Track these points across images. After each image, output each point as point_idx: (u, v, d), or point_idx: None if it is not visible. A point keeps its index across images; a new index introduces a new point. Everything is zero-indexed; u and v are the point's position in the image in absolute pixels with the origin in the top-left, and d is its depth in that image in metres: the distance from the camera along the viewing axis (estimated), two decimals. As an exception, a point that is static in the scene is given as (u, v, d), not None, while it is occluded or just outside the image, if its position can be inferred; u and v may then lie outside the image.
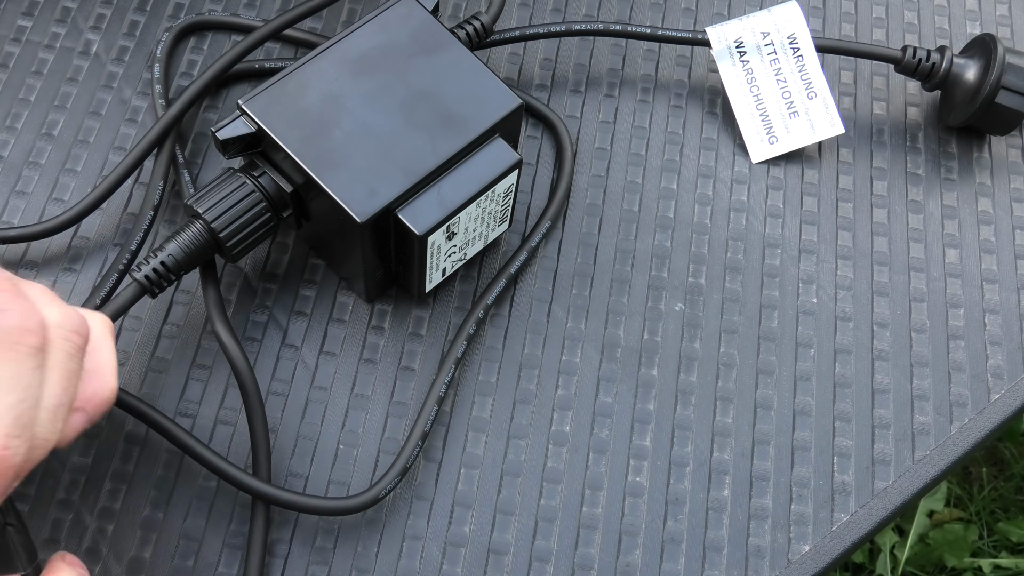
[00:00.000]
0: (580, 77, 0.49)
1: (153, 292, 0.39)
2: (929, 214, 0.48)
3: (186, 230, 0.39)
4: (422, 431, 0.40)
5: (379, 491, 0.38)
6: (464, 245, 0.41)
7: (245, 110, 0.39)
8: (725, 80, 0.48)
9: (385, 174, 0.38)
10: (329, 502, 0.38)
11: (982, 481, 1.11)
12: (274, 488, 0.38)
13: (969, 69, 0.47)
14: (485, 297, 0.43)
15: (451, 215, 0.38)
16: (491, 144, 0.39)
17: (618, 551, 0.39)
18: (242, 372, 0.39)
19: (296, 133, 0.38)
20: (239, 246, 0.39)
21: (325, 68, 0.40)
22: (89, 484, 0.39)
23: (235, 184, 0.39)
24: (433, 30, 0.41)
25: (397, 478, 0.39)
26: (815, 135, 0.48)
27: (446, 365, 0.41)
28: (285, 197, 0.40)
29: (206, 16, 0.48)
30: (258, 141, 0.39)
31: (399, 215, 0.38)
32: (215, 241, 0.39)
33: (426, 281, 0.41)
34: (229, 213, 0.39)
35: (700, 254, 0.46)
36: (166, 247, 0.38)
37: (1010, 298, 0.46)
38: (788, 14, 0.48)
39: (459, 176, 0.39)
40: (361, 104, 0.39)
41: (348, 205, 0.37)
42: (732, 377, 0.43)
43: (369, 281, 0.41)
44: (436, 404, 0.40)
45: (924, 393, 0.43)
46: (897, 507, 0.41)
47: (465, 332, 0.42)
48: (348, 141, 0.38)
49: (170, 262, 0.38)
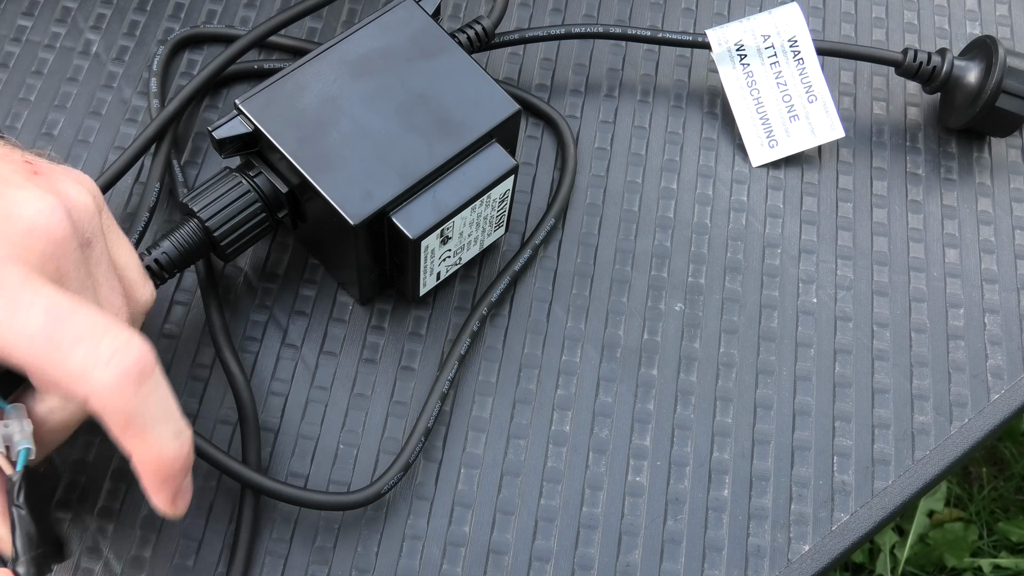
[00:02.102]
0: (580, 77, 0.49)
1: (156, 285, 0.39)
2: (929, 214, 0.48)
3: (181, 228, 0.39)
4: (425, 427, 0.40)
5: (382, 487, 0.38)
6: (459, 250, 0.41)
7: (242, 110, 0.39)
8: (725, 83, 0.48)
9: (380, 177, 0.38)
10: (330, 497, 0.38)
11: (982, 481, 1.11)
12: (278, 483, 0.38)
13: (970, 72, 0.47)
14: (489, 295, 0.43)
15: (445, 219, 0.38)
16: (487, 149, 0.39)
17: (618, 551, 0.39)
18: (244, 404, 0.40)
19: (292, 134, 0.38)
20: (233, 245, 0.39)
21: (324, 70, 0.40)
22: (89, 484, 0.39)
23: (231, 183, 0.39)
24: (433, 34, 0.41)
25: (400, 474, 0.39)
26: (815, 139, 0.48)
27: (449, 362, 0.41)
28: (280, 198, 0.39)
29: (201, 29, 0.48)
30: (255, 141, 0.39)
31: (393, 218, 0.38)
32: (209, 240, 0.39)
33: (420, 285, 0.41)
34: (224, 212, 0.39)
35: (700, 254, 0.46)
36: (160, 244, 0.39)
37: (1010, 298, 0.46)
38: (789, 16, 0.48)
39: (454, 180, 0.39)
40: (358, 106, 0.39)
41: (342, 207, 0.37)
42: (732, 377, 0.43)
43: (364, 283, 0.41)
44: (439, 401, 0.40)
45: (924, 393, 0.43)
46: (897, 507, 0.41)
47: (468, 329, 0.42)
48: (344, 143, 0.38)
49: (164, 259, 0.38)
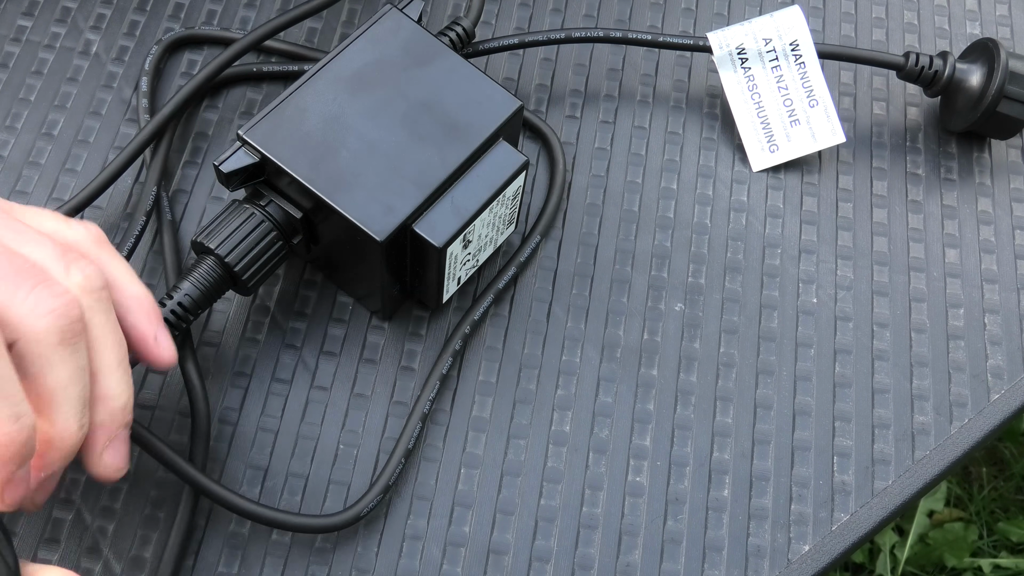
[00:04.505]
0: (580, 77, 0.49)
1: (172, 334, 0.37)
2: (929, 214, 0.48)
3: (198, 267, 0.38)
4: (405, 448, 0.40)
5: (360, 509, 0.38)
6: (477, 252, 0.41)
7: (247, 140, 0.38)
8: (726, 87, 0.48)
9: (398, 190, 0.38)
10: (309, 520, 0.38)
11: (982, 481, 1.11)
12: (258, 506, 0.37)
13: (971, 76, 0.47)
14: (470, 314, 0.42)
15: (467, 223, 0.38)
16: (496, 148, 0.39)
17: (618, 551, 0.39)
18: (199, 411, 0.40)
19: (302, 158, 0.38)
20: (254, 278, 0.39)
21: (321, 89, 0.39)
22: (89, 483, 0.39)
23: (244, 216, 0.39)
24: (424, 40, 0.41)
25: (379, 496, 0.39)
26: (816, 144, 0.48)
27: (430, 382, 0.41)
28: (295, 224, 0.39)
29: (196, 30, 0.48)
30: (260, 170, 0.39)
31: (416, 229, 0.37)
32: (230, 275, 0.38)
33: (443, 292, 0.41)
34: (242, 246, 0.38)
35: (700, 254, 0.46)
36: (181, 287, 0.38)
37: (1010, 298, 0.46)
38: (790, 20, 0.48)
39: (470, 184, 0.39)
40: (363, 122, 0.39)
41: (365, 225, 0.37)
42: (732, 377, 0.43)
43: (386, 299, 0.41)
44: (420, 421, 0.40)
45: (924, 393, 0.43)
46: (897, 507, 0.41)
47: (450, 348, 0.42)
48: (355, 160, 0.38)
49: (187, 302, 0.38)
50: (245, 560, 0.38)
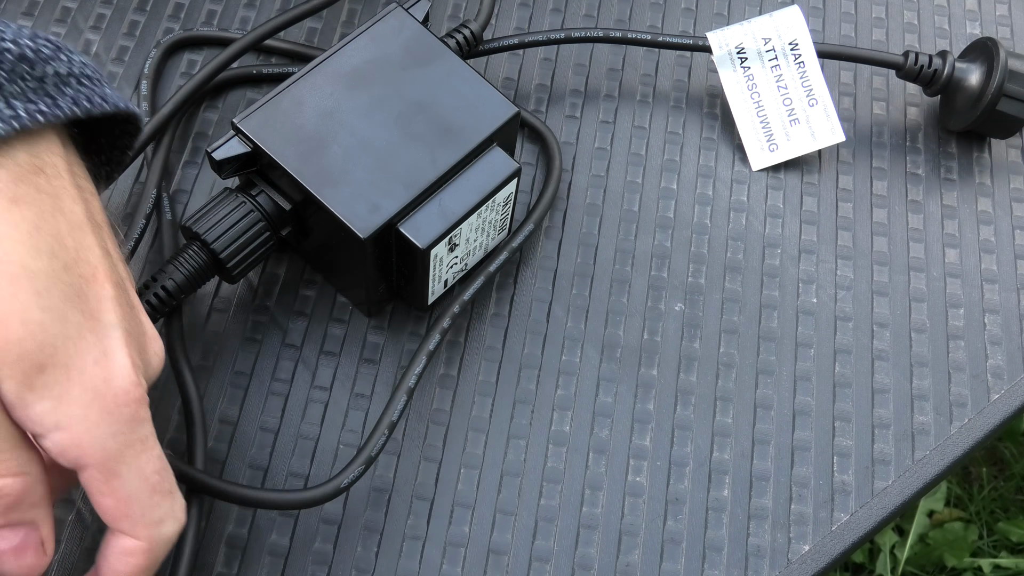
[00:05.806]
0: (580, 77, 0.49)
1: (155, 317, 0.38)
2: (929, 214, 0.48)
3: (184, 252, 0.38)
4: (389, 421, 0.38)
5: (342, 481, 0.37)
6: (465, 256, 0.41)
7: (240, 128, 0.38)
8: (726, 86, 0.48)
9: (385, 188, 0.38)
10: (290, 495, 0.37)
11: (982, 481, 1.11)
12: (237, 486, 0.37)
13: (971, 75, 0.47)
14: (459, 296, 0.42)
15: (453, 227, 0.38)
16: (489, 153, 0.39)
17: (618, 551, 0.39)
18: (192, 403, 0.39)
19: (293, 150, 0.38)
20: (240, 266, 0.39)
21: (319, 83, 0.39)
22: (89, 484, 0.39)
23: (233, 204, 0.39)
24: (426, 41, 0.41)
25: (362, 468, 0.38)
26: (815, 143, 0.48)
27: (417, 358, 0.40)
28: (284, 215, 0.39)
29: (195, 32, 0.48)
30: (254, 160, 0.39)
31: (401, 229, 0.37)
32: (215, 262, 0.39)
33: (428, 294, 0.41)
34: (229, 233, 0.38)
35: (700, 254, 0.46)
36: (165, 270, 0.38)
37: (1010, 298, 0.46)
38: (790, 19, 0.48)
39: (459, 187, 0.39)
40: (357, 119, 0.39)
41: (350, 221, 0.37)
42: (732, 377, 0.43)
43: (371, 297, 0.41)
44: (406, 395, 0.39)
45: (924, 393, 0.43)
46: (897, 507, 0.41)
47: (440, 326, 0.41)
48: (347, 156, 0.38)
49: (171, 286, 0.38)
50: (245, 560, 0.38)
